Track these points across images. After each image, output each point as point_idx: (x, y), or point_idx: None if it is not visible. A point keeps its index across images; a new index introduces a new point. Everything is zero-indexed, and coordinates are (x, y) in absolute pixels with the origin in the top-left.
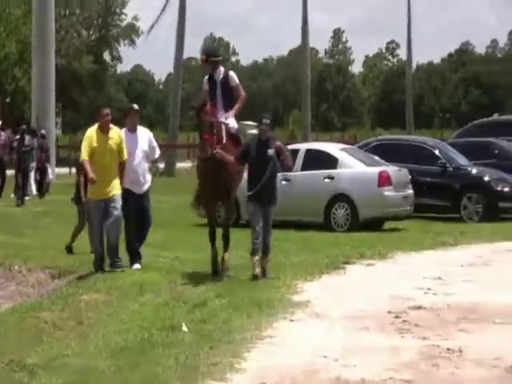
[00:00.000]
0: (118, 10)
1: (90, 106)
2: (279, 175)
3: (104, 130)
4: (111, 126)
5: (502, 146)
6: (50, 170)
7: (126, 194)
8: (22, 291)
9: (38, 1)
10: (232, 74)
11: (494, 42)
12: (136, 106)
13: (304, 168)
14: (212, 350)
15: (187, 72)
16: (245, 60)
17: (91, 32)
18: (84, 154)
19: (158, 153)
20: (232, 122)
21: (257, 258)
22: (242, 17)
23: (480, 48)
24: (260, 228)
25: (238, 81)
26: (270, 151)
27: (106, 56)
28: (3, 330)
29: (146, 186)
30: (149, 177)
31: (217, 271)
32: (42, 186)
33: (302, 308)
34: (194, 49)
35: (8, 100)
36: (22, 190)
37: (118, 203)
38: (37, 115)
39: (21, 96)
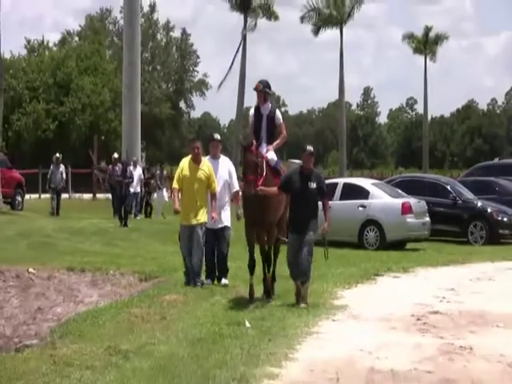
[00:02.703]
0: (191, 68)
1: (168, 145)
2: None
3: (196, 161)
4: (203, 158)
5: (501, 184)
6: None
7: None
8: (116, 291)
9: (127, 58)
10: (278, 112)
11: (494, 100)
12: (217, 136)
13: (342, 198)
14: (270, 342)
15: (246, 119)
16: (292, 111)
17: (169, 85)
18: (174, 183)
19: (236, 186)
20: (272, 155)
21: (299, 283)
22: (291, 76)
23: (482, 105)
24: (292, 258)
25: (282, 120)
26: (311, 184)
27: (182, 104)
28: (102, 322)
29: (223, 224)
30: (227, 213)
31: (253, 297)
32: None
33: (342, 311)
34: (251, 100)
35: (103, 138)
36: (125, 215)
37: (200, 231)
38: (126, 150)
39: (113, 135)
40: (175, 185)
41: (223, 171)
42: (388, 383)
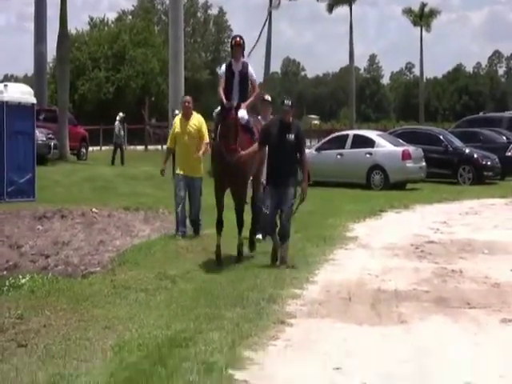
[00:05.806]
0: (226, 40)
1: (207, 104)
2: (335, 151)
3: (185, 116)
4: (194, 113)
5: (485, 133)
6: None
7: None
8: (165, 226)
9: (172, 33)
10: (251, 67)
11: (478, 63)
12: (268, 97)
13: (352, 147)
14: (293, 268)
15: (269, 82)
16: (310, 74)
17: (208, 54)
18: (168, 142)
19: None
20: (242, 114)
21: (278, 243)
22: (309, 45)
23: (469, 68)
24: (268, 210)
25: (255, 76)
26: (290, 136)
27: (218, 70)
28: (153, 252)
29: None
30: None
31: (220, 259)
32: None
33: (353, 241)
34: (274, 66)
35: (153, 98)
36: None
37: (197, 184)
38: (172, 109)
39: (161, 96)
40: (168, 144)
41: None
42: (392, 301)
